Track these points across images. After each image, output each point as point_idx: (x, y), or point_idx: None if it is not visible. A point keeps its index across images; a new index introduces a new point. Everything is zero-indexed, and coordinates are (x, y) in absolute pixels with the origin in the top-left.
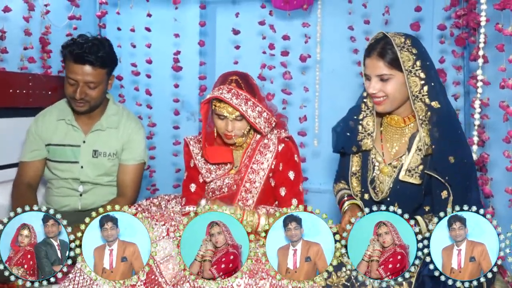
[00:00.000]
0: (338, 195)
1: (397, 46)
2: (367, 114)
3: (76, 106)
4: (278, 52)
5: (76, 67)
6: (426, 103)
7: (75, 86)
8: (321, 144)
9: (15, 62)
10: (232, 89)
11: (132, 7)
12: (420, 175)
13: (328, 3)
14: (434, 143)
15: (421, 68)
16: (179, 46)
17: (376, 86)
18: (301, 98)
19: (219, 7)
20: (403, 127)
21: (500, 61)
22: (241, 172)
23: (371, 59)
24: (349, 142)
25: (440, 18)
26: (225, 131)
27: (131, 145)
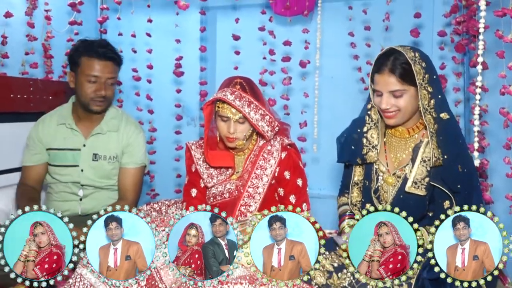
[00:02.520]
0: (340, 210)
1: (410, 60)
2: (371, 127)
3: (96, 106)
4: (279, 58)
5: (100, 63)
6: (434, 116)
7: (96, 84)
8: (320, 149)
9: (16, 67)
10: (236, 92)
11: (133, 13)
12: (426, 187)
13: (328, 9)
14: (444, 154)
15: (429, 82)
16: (180, 51)
17: (389, 101)
18: (301, 104)
19: (219, 12)
20: (407, 138)
21: (500, 67)
22: (243, 177)
23: (382, 75)
24: (354, 155)
25: (440, 24)
26: (227, 133)
27: (131, 149)
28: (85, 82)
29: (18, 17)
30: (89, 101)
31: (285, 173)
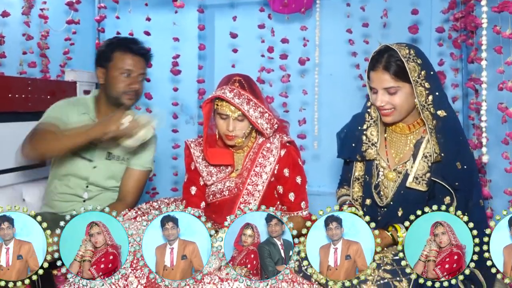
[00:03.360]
0: (339, 201)
1: (403, 57)
2: (371, 124)
3: (128, 99)
4: (277, 56)
5: (134, 58)
6: (432, 112)
7: (129, 78)
8: (320, 147)
9: (14, 67)
10: (235, 89)
11: (130, 11)
12: (427, 182)
13: (326, 6)
14: (443, 151)
15: (426, 78)
16: (178, 50)
17: (384, 99)
18: (300, 101)
19: (217, 10)
20: (408, 133)
21: (498, 63)
22: (242, 175)
23: (376, 73)
24: (354, 152)
25: (438, 20)
26: (226, 131)
27: (142, 151)
28: (119, 76)
29: (15, 16)
30: (121, 95)
31: (284, 170)
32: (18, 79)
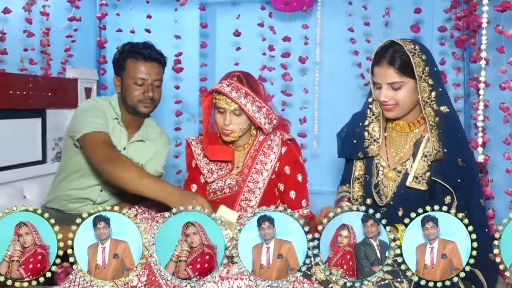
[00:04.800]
0: (338, 197)
1: (409, 52)
2: (373, 120)
3: (144, 107)
4: (278, 54)
5: (146, 65)
6: (434, 109)
7: (144, 87)
8: (320, 145)
9: (15, 64)
10: (233, 83)
11: (132, 9)
12: (427, 181)
13: (328, 4)
14: (444, 147)
15: (429, 74)
16: (179, 47)
17: (387, 94)
18: (301, 100)
19: (219, 8)
20: (408, 132)
21: (500, 63)
22: (243, 172)
23: (381, 67)
24: (356, 149)
25: (440, 20)
26: (223, 125)
27: (157, 157)
28: (133, 84)
29: (17, 13)
30: (137, 103)
31: (285, 168)
32: (19, 76)
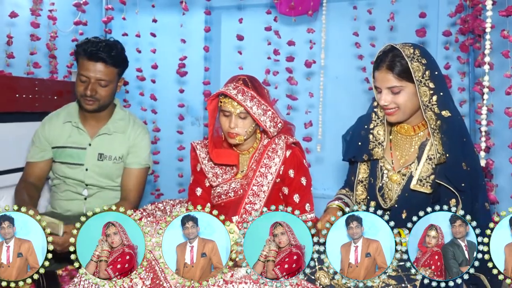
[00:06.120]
0: (333, 198)
1: (407, 57)
2: (378, 124)
3: (86, 104)
4: (283, 58)
5: (89, 64)
6: (436, 112)
7: (86, 83)
8: (324, 149)
9: (22, 67)
10: (239, 86)
11: (137, 13)
12: (431, 184)
13: (333, 9)
14: (447, 152)
15: (430, 78)
16: (184, 51)
17: (387, 98)
18: (306, 104)
19: (224, 12)
20: (413, 135)
21: (505, 67)
22: (248, 176)
23: (380, 72)
24: (360, 151)
25: (445, 24)
26: (228, 128)
27: (137, 149)
28: (78, 81)
29: (23, 17)
30: (80, 99)
31: (289, 171)
32: (25, 79)
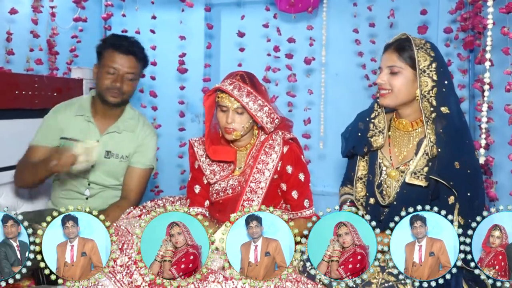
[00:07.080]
0: (341, 199)
1: (415, 46)
2: (379, 113)
3: (111, 96)
4: (283, 55)
5: (120, 57)
6: (433, 104)
7: (114, 76)
8: (326, 146)
9: (21, 64)
10: (235, 82)
11: (137, 9)
12: (425, 177)
13: (333, 6)
14: (440, 147)
15: (436, 71)
16: (184, 48)
17: (384, 77)
18: (306, 101)
19: (223, 9)
20: (411, 131)
21: (505, 64)
22: (245, 173)
23: (387, 53)
24: (360, 142)
25: (445, 21)
26: (225, 123)
27: (143, 149)
28: (105, 73)
29: (23, 14)
30: (105, 91)
31: (287, 167)
32: (25, 76)
